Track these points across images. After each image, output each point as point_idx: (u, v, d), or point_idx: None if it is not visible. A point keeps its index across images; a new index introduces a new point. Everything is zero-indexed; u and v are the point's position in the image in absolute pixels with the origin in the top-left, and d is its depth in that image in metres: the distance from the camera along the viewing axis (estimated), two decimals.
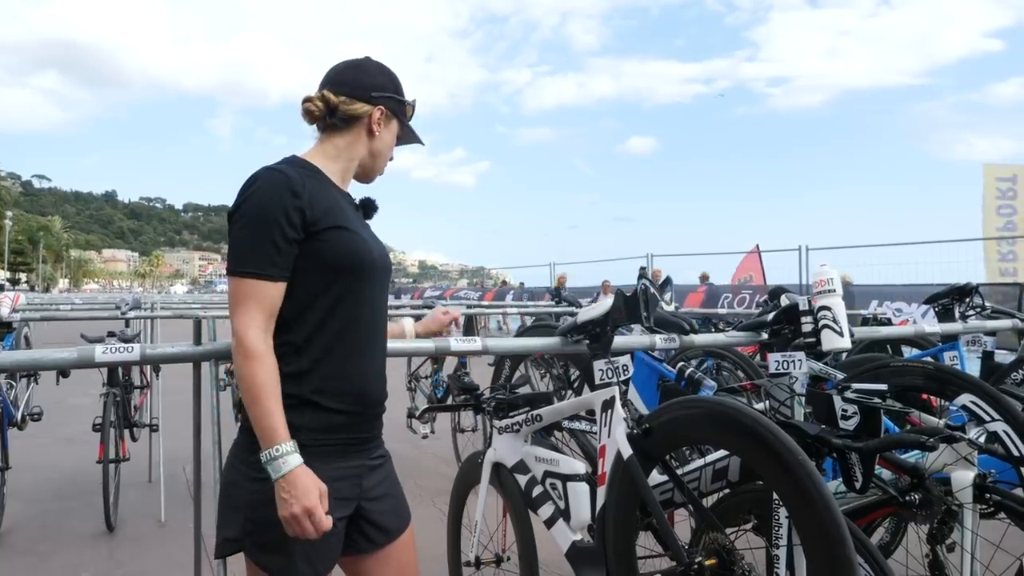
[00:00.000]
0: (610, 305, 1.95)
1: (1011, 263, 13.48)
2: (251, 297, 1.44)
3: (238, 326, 1.44)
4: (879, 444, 1.78)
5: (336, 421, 1.55)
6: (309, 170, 1.58)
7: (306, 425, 1.50)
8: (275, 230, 1.44)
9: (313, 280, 1.51)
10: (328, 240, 1.50)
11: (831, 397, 1.90)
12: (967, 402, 1.95)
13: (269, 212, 1.44)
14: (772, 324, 2.39)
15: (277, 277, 1.46)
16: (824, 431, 1.84)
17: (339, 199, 1.61)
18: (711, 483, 2.18)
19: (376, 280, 1.62)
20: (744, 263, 17.03)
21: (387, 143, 1.73)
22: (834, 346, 2.22)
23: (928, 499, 1.99)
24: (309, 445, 1.48)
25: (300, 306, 1.51)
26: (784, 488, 1.56)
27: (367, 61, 1.73)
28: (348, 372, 1.56)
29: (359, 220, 1.67)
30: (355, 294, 1.56)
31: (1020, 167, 14.21)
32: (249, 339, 1.42)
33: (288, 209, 1.45)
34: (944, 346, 3.37)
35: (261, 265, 1.44)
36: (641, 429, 1.86)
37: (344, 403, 1.56)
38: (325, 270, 1.51)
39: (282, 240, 1.45)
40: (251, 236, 1.45)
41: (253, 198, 1.47)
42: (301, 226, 1.47)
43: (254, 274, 1.44)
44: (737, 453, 1.77)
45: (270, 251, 1.44)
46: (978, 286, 3.64)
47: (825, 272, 2.26)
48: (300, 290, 1.50)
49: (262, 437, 1.41)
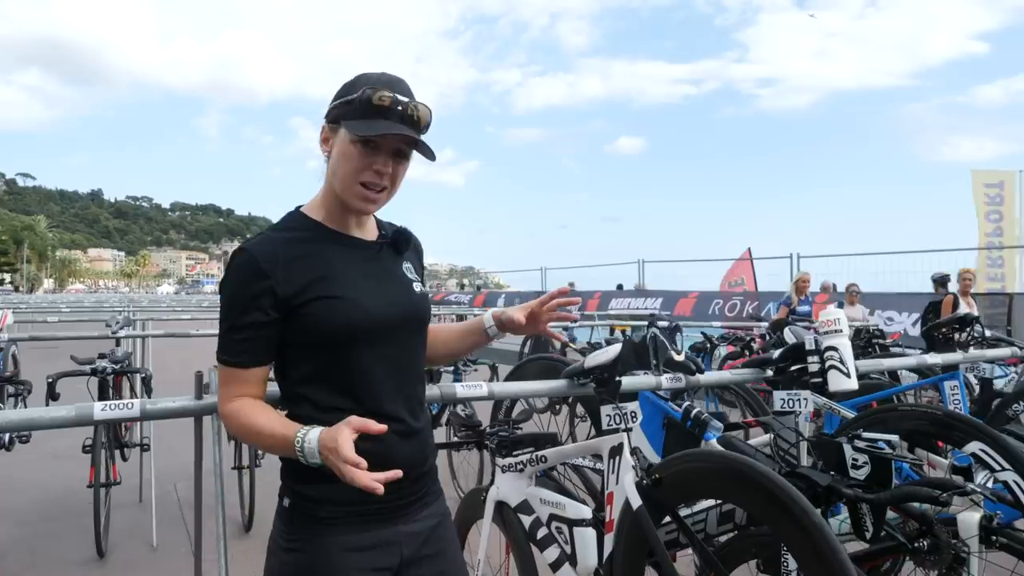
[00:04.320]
0: (618, 351, 1.93)
1: (999, 268, 13.55)
2: (229, 381, 1.44)
3: (219, 403, 1.46)
4: (891, 497, 1.77)
5: (361, 494, 1.36)
6: (300, 230, 1.47)
7: (328, 498, 1.42)
8: (244, 317, 1.38)
9: (305, 355, 1.43)
10: (313, 314, 1.39)
11: (841, 445, 1.88)
12: (976, 450, 1.94)
13: (237, 299, 1.39)
14: (778, 362, 2.38)
15: (249, 364, 1.42)
16: (835, 480, 1.83)
17: (336, 256, 1.46)
18: (718, 526, 2.16)
19: (386, 339, 1.47)
20: (735, 268, 17.06)
21: (336, 158, 1.44)
22: (840, 387, 2.21)
23: (936, 545, 1.98)
24: (331, 518, 1.42)
25: (300, 381, 1.45)
26: (798, 547, 1.55)
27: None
28: (366, 442, 1.35)
29: (368, 269, 1.50)
30: (359, 363, 1.43)
31: (1007, 172, 14.25)
32: (224, 410, 1.44)
33: (256, 294, 1.37)
34: (944, 375, 3.37)
35: (232, 353, 1.41)
36: (651, 479, 1.84)
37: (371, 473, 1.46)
38: (314, 346, 1.42)
39: (251, 328, 1.38)
40: (224, 323, 1.42)
41: (225, 285, 1.42)
42: (274, 306, 1.38)
43: (228, 362, 1.43)
44: (749, 510, 1.76)
45: (239, 339, 1.40)
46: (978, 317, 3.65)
47: (832, 313, 2.25)
48: (295, 366, 1.45)
49: (285, 450, 1.36)
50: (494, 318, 1.80)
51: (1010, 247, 13.26)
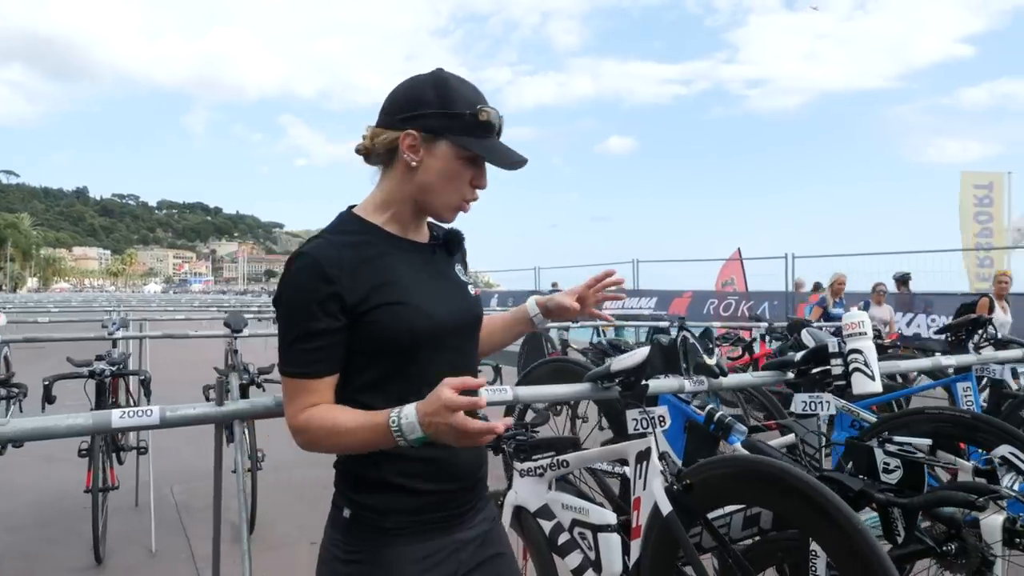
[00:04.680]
0: (646, 354, 1.90)
1: (988, 269, 13.66)
2: (299, 393, 1.36)
3: (288, 418, 1.38)
4: (925, 501, 1.75)
5: (427, 502, 1.43)
6: (358, 233, 1.41)
7: (393, 508, 1.40)
8: (314, 323, 1.32)
9: (369, 362, 1.39)
10: (378, 321, 1.35)
11: (872, 450, 1.86)
12: (1006, 453, 1.93)
13: (304, 306, 1.32)
14: (800, 364, 2.36)
15: (324, 373, 1.36)
16: (867, 485, 1.81)
17: (397, 260, 1.41)
18: (742, 530, 2.14)
19: (448, 345, 1.44)
20: (725, 268, 17.09)
21: (435, 172, 1.39)
22: (865, 390, 2.19)
23: (964, 548, 1.97)
24: (397, 528, 1.40)
25: (360, 388, 1.40)
26: (841, 554, 1.53)
27: (425, 76, 1.43)
28: (429, 450, 1.34)
29: (427, 273, 1.46)
30: (421, 369, 1.39)
31: (996, 174, 14.42)
32: (297, 423, 1.35)
33: (324, 299, 1.31)
34: (957, 377, 3.37)
35: (304, 363, 1.34)
36: (682, 485, 1.81)
37: (432, 482, 1.43)
38: (379, 352, 1.38)
39: (324, 335, 1.33)
40: (289, 334, 1.35)
41: (286, 292, 1.35)
42: (341, 312, 1.33)
43: (296, 373, 1.35)
44: (789, 516, 1.73)
45: (312, 348, 1.33)
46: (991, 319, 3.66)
47: (856, 315, 2.23)
48: (356, 374, 1.39)
49: (377, 439, 1.29)
50: (539, 306, 1.77)
51: (999, 248, 13.41)
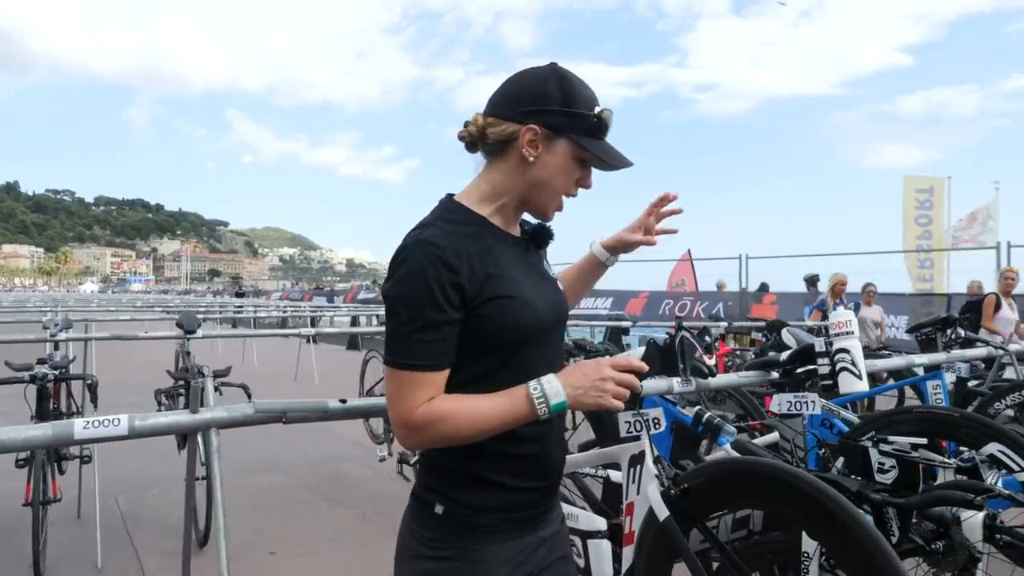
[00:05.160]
0: (641, 354, 1.84)
1: (928, 269, 14.16)
2: (420, 386, 1.30)
3: (404, 414, 1.30)
4: (922, 501, 1.74)
5: (519, 499, 1.42)
6: (466, 223, 1.38)
7: (489, 506, 1.38)
8: (438, 314, 1.27)
9: (476, 356, 1.34)
10: (488, 314, 1.31)
11: (867, 450, 1.85)
12: (995, 451, 1.93)
13: (428, 296, 1.27)
14: (785, 364, 2.33)
15: (445, 365, 1.31)
16: (863, 485, 1.79)
17: (503, 254, 1.38)
18: (731, 532, 2.11)
19: (546, 339, 1.44)
20: (677, 269, 17.32)
21: (552, 170, 1.39)
22: (852, 389, 2.18)
23: (952, 546, 1.97)
24: (490, 525, 1.38)
25: (461, 383, 1.34)
26: (849, 557, 1.49)
27: (544, 70, 1.40)
28: (525, 446, 1.39)
29: (526, 267, 1.44)
30: (524, 363, 1.37)
31: (937, 179, 14.96)
32: (420, 417, 1.29)
33: (446, 289, 1.27)
34: (926, 376, 3.42)
35: (427, 355, 1.29)
36: (679, 489, 1.76)
37: (525, 479, 1.42)
38: (487, 347, 1.34)
39: (445, 325, 1.28)
40: (410, 326, 1.28)
41: (405, 281, 1.29)
42: (460, 304, 1.29)
43: (417, 366, 1.29)
44: (791, 518, 1.69)
45: (435, 340, 1.28)
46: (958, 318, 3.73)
47: (842, 314, 2.22)
48: (465, 367, 1.35)
49: (518, 412, 1.30)
50: (606, 247, 1.79)
51: (939, 250, 13.91)
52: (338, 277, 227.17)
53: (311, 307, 20.58)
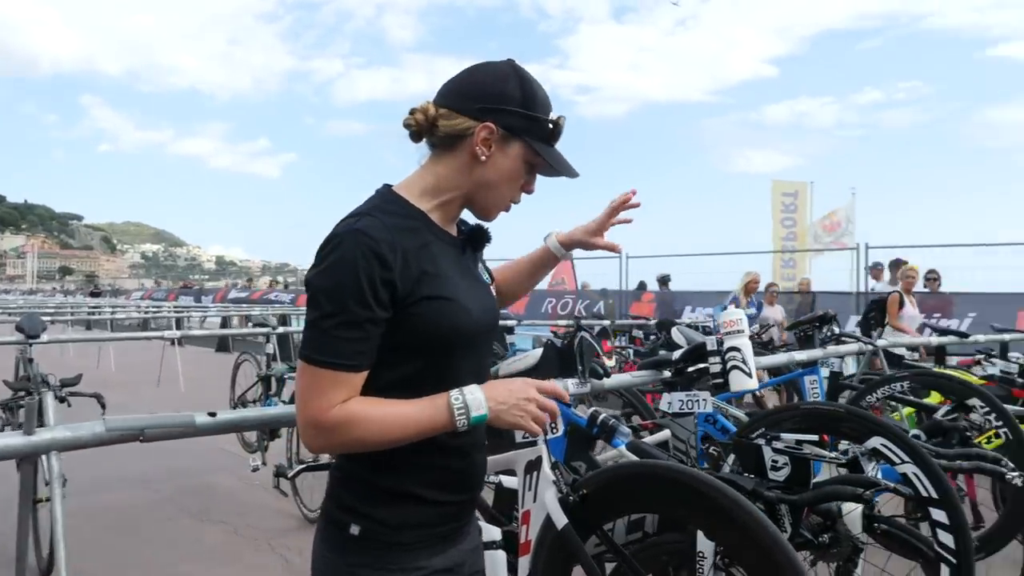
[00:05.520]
0: (539, 357, 1.77)
1: (792, 269, 15.13)
2: (334, 386, 1.21)
3: (315, 413, 1.21)
4: (814, 497, 1.76)
5: (442, 513, 1.36)
6: (405, 216, 1.30)
7: (410, 522, 1.31)
8: (364, 311, 1.19)
9: (401, 359, 1.28)
10: (421, 315, 1.25)
11: (760, 448, 1.86)
12: (877, 444, 2.00)
13: (355, 291, 1.19)
14: (677, 363, 2.34)
15: (364, 366, 1.23)
16: (758, 483, 1.80)
17: (440, 252, 1.32)
18: (627, 534, 2.08)
19: (477, 345, 1.39)
20: (557, 268, 17.59)
21: (502, 171, 1.34)
22: (743, 387, 2.21)
23: (837, 539, 2.02)
24: (414, 543, 1.31)
25: (385, 387, 1.27)
26: (752, 560, 1.48)
27: (504, 67, 1.34)
28: (450, 457, 1.35)
29: (462, 269, 1.38)
30: (451, 369, 1.32)
31: (801, 183, 16.03)
32: (332, 418, 1.20)
33: (376, 285, 1.19)
34: (804, 371, 3.58)
35: (346, 354, 1.21)
36: (578, 495, 1.70)
37: (449, 492, 1.36)
38: (416, 349, 1.28)
39: (370, 324, 1.20)
40: (331, 320, 1.20)
41: (333, 271, 1.20)
42: (390, 302, 1.22)
43: (334, 364, 1.20)
44: (696, 523, 1.66)
45: (356, 338, 1.20)
46: (835, 315, 3.92)
47: (733, 313, 2.24)
48: (390, 369, 1.28)
49: (435, 421, 1.24)
50: (561, 243, 1.75)
51: (802, 251, 14.92)
52: (207, 275, 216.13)
53: (176, 307, 19.37)
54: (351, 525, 1.30)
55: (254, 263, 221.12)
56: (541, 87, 1.36)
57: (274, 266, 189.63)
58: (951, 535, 1.91)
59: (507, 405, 1.27)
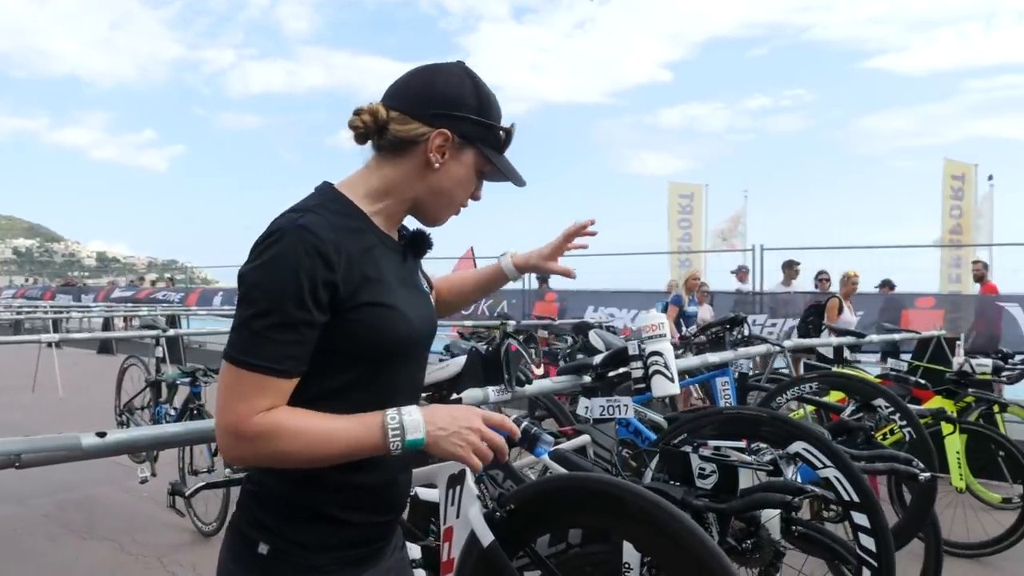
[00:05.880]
0: (462, 365, 1.66)
1: (687, 269, 15.57)
2: (260, 392, 1.12)
3: (236, 419, 1.12)
4: (743, 505, 1.74)
5: (361, 535, 1.30)
6: (350, 217, 1.25)
7: (326, 544, 1.25)
8: (299, 312, 1.12)
9: (335, 368, 1.21)
10: (360, 321, 1.19)
11: (687, 455, 1.82)
12: (800, 449, 2.00)
13: (292, 290, 1.11)
14: (599, 367, 2.28)
15: (295, 373, 1.15)
16: (687, 492, 1.76)
17: (383, 257, 1.27)
18: (549, 546, 2.01)
19: (414, 356, 1.34)
20: (459, 267, 17.53)
21: (455, 179, 1.30)
22: (665, 392, 2.18)
23: (759, 544, 2.02)
24: (329, 565, 1.25)
25: (315, 397, 1.19)
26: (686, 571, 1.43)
27: (455, 69, 1.31)
28: (373, 476, 1.28)
29: (402, 276, 1.32)
30: (386, 381, 1.27)
31: (697, 186, 16.48)
32: (254, 427, 1.11)
33: (317, 286, 1.12)
34: (715, 373, 3.63)
35: (273, 357, 1.12)
36: (505, 511, 1.60)
37: (369, 513, 1.30)
38: (352, 357, 1.21)
39: (305, 327, 1.13)
40: (263, 320, 1.12)
41: (270, 266, 1.13)
42: (329, 306, 1.15)
43: (262, 368, 1.12)
44: (626, 534, 1.59)
45: (287, 340, 1.12)
46: (745, 317, 4.00)
47: (655, 317, 2.20)
48: (323, 378, 1.21)
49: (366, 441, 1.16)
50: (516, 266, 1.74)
51: (698, 251, 15.43)
52: (87, 272, 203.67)
53: (54, 307, 18.03)
54: (260, 543, 1.22)
55: (139, 260, 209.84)
56: (493, 93, 1.33)
57: (161, 263, 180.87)
58: (872, 538, 1.94)
59: (447, 432, 1.19)
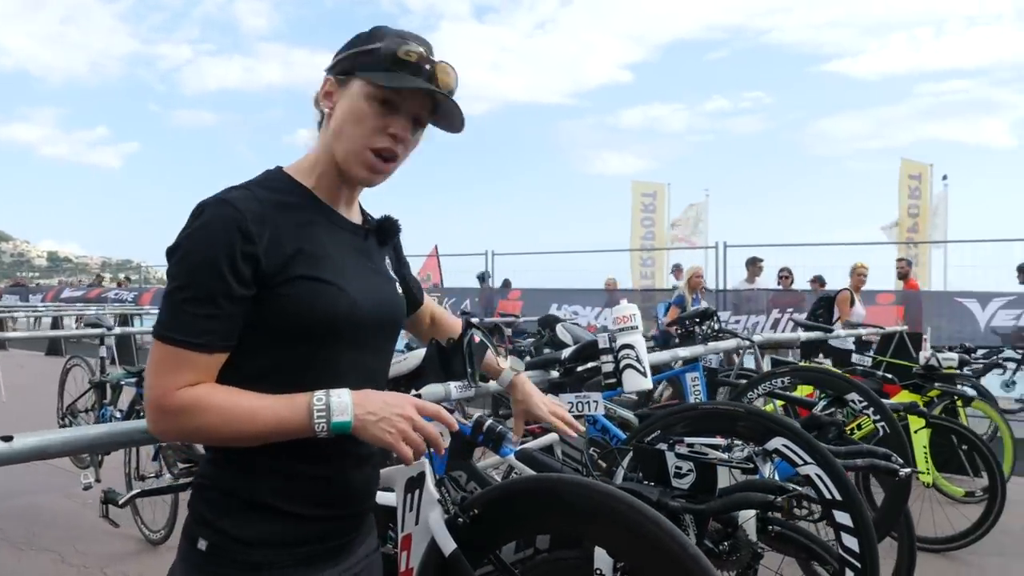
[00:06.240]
0: (421, 358, 1.54)
1: (651, 268, 15.71)
2: (180, 367, 1.12)
3: (159, 394, 1.12)
4: (722, 506, 1.63)
5: (307, 531, 1.23)
6: (287, 193, 1.23)
7: (266, 539, 1.19)
8: (218, 285, 1.11)
9: (271, 345, 1.18)
10: (291, 295, 1.16)
11: (663, 453, 1.71)
12: (779, 445, 1.91)
13: (211, 262, 1.11)
14: (567, 362, 2.17)
15: (215, 348, 1.14)
16: (663, 493, 1.65)
17: (326, 233, 1.24)
18: (516, 552, 1.89)
19: (364, 342, 1.27)
20: (424, 265, 17.37)
21: (345, 114, 1.22)
22: (638, 387, 2.07)
23: (737, 545, 1.93)
24: (270, 563, 1.19)
25: (251, 377, 1.17)
26: None
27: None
28: (320, 467, 1.23)
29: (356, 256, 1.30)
30: (329, 366, 1.21)
31: (659, 185, 16.67)
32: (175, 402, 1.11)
33: (236, 257, 1.11)
34: (685, 368, 3.55)
35: (193, 331, 1.12)
36: (467, 516, 1.47)
37: (315, 506, 1.24)
38: (283, 336, 1.18)
39: (224, 299, 1.12)
40: (183, 294, 1.12)
41: (190, 240, 1.13)
42: (252, 279, 1.13)
43: (181, 342, 1.12)
44: (604, 542, 1.47)
45: (206, 314, 1.12)
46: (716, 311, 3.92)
47: (626, 308, 2.09)
48: (250, 357, 1.18)
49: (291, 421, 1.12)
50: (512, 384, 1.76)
51: (660, 248, 15.55)
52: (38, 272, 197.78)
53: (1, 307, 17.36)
54: (199, 539, 1.20)
55: (92, 260, 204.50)
56: (408, 33, 1.26)
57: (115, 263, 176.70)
58: (856, 538, 1.86)
59: (376, 418, 1.13)
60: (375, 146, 1.22)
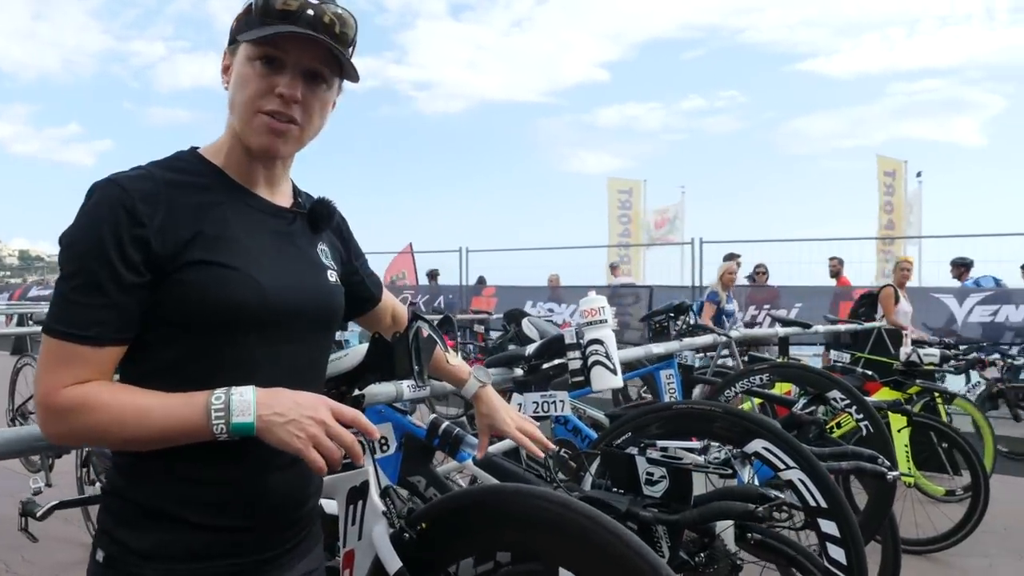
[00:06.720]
0: (364, 354, 1.37)
1: (627, 264, 15.66)
2: (68, 362, 1.03)
3: (46, 392, 1.03)
4: (699, 516, 1.49)
5: (215, 542, 1.12)
6: (194, 173, 1.15)
7: (165, 550, 1.09)
8: (103, 273, 1.03)
9: (168, 337, 1.09)
10: (189, 282, 1.07)
11: (632, 458, 1.57)
12: (759, 448, 1.78)
13: (97, 247, 1.03)
14: (531, 359, 2.02)
15: (106, 340, 1.05)
16: (633, 502, 1.51)
17: (236, 215, 1.15)
18: (475, 567, 1.74)
19: (281, 336, 1.15)
20: (396, 261, 17.19)
21: (235, 82, 1.15)
22: (607, 385, 1.93)
23: (714, 556, 1.80)
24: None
25: (151, 372, 1.08)
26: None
27: None
28: (229, 471, 1.11)
29: (274, 240, 1.19)
30: (235, 360, 1.10)
31: (636, 182, 16.68)
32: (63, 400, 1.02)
33: (123, 241, 1.03)
34: (660, 365, 3.42)
35: (80, 324, 1.03)
36: (414, 531, 1.32)
37: (225, 516, 1.12)
38: (183, 326, 1.08)
39: (114, 287, 1.03)
40: (70, 282, 1.04)
41: (76, 225, 1.06)
42: (145, 265, 1.05)
43: (67, 335, 1.03)
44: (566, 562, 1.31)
45: (94, 305, 1.03)
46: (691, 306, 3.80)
47: (594, 300, 1.95)
48: (150, 351, 1.09)
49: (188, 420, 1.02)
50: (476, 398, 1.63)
51: (636, 245, 15.53)
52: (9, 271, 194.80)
53: None
54: (99, 549, 1.12)
55: None
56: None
57: None
58: (842, 548, 1.72)
59: (284, 419, 1.01)
60: (263, 109, 1.13)
